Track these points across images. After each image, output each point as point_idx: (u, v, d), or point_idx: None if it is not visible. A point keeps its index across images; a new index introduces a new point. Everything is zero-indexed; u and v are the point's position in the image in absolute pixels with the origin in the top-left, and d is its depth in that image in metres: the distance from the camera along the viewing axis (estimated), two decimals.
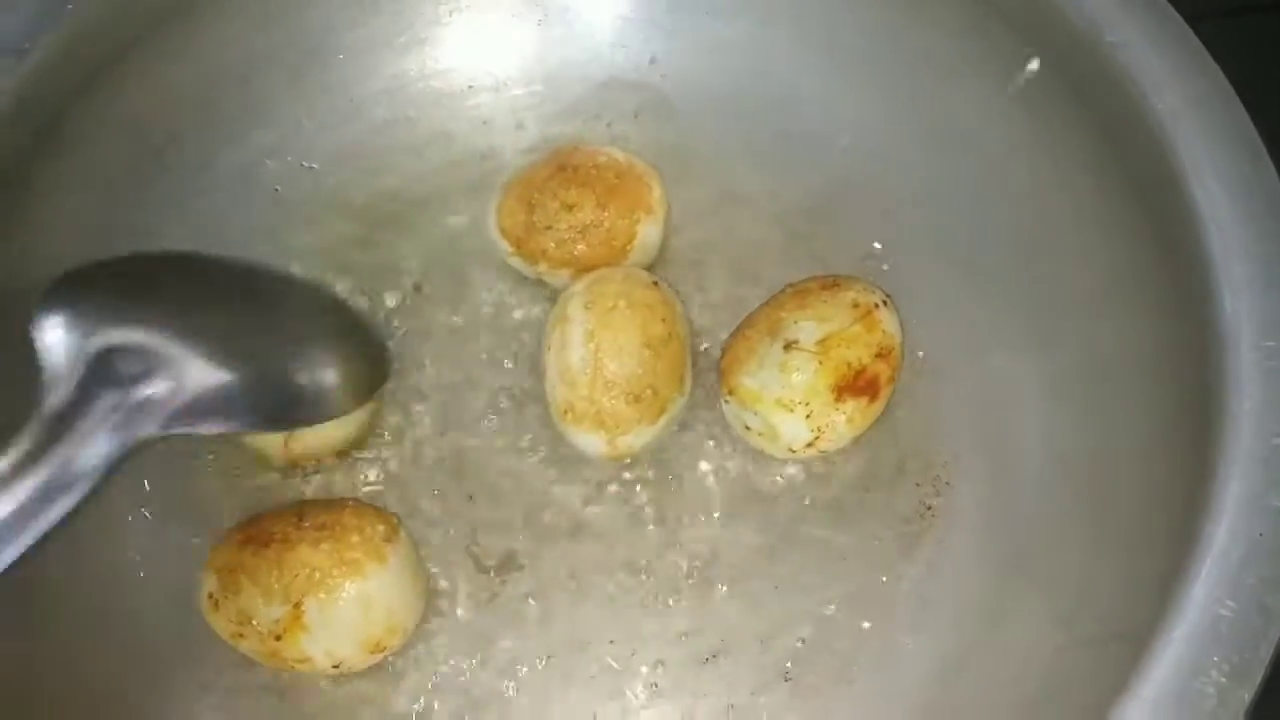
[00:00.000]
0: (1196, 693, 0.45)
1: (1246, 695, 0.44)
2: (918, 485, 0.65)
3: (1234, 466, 0.48)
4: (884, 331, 0.62)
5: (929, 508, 0.64)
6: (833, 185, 0.72)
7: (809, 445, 0.62)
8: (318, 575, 0.57)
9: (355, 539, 0.58)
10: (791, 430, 0.62)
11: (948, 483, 0.65)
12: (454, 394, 0.68)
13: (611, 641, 0.63)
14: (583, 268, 0.67)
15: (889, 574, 0.63)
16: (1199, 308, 0.54)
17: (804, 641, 0.62)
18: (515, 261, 0.69)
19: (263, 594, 0.57)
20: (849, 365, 0.61)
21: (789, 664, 0.62)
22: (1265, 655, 0.45)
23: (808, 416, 0.61)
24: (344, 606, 0.57)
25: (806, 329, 0.62)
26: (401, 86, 0.75)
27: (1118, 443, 0.59)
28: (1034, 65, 0.63)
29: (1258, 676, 0.45)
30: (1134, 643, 0.48)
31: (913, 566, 0.63)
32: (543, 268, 0.68)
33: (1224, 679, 0.45)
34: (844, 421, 0.62)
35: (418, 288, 0.71)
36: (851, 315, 0.62)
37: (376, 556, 0.58)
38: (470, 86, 0.76)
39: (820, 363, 0.61)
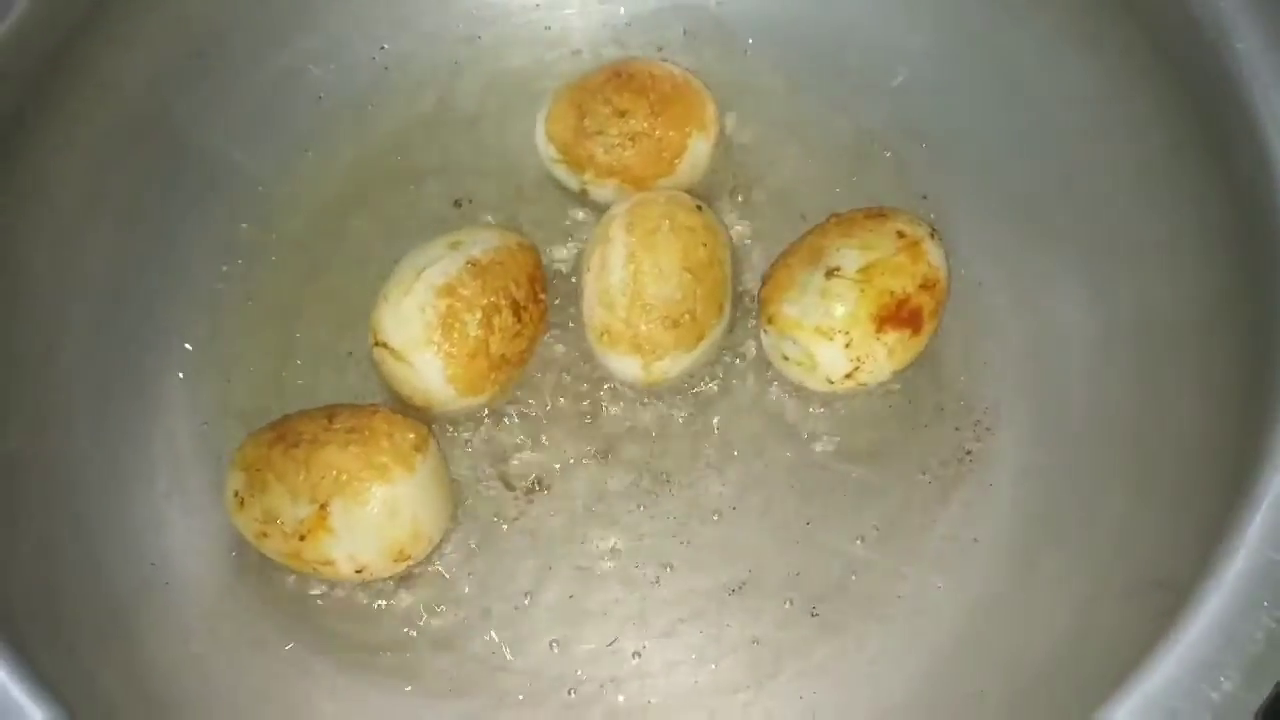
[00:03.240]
0: (1244, 635, 0.44)
1: None
2: (957, 430, 0.64)
3: None
4: (929, 264, 0.61)
5: (968, 452, 0.63)
6: (885, 121, 0.70)
7: (848, 376, 0.61)
8: (345, 477, 0.56)
9: (385, 444, 0.57)
10: (830, 359, 0.60)
11: (988, 428, 0.63)
12: None
13: (636, 567, 0.62)
14: (629, 179, 0.66)
15: (923, 516, 0.62)
16: (1267, 258, 0.52)
17: (833, 578, 0.61)
18: (560, 171, 0.68)
19: (289, 493, 0.57)
20: (891, 295, 0.60)
21: (816, 600, 0.61)
22: None
23: (847, 345, 0.60)
24: (370, 511, 0.57)
25: (849, 257, 0.60)
26: (453, 1, 0.74)
27: (1168, 397, 0.58)
28: None
29: None
30: (1173, 590, 0.47)
31: (947, 509, 0.62)
32: (588, 176, 0.66)
33: (1274, 623, 0.43)
34: (885, 353, 0.60)
35: (458, 203, 0.70)
36: (896, 245, 0.60)
37: (405, 463, 0.57)
38: (523, 4, 0.75)
39: (862, 290, 0.59)
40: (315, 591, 0.61)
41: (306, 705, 0.60)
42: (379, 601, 0.61)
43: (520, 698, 0.60)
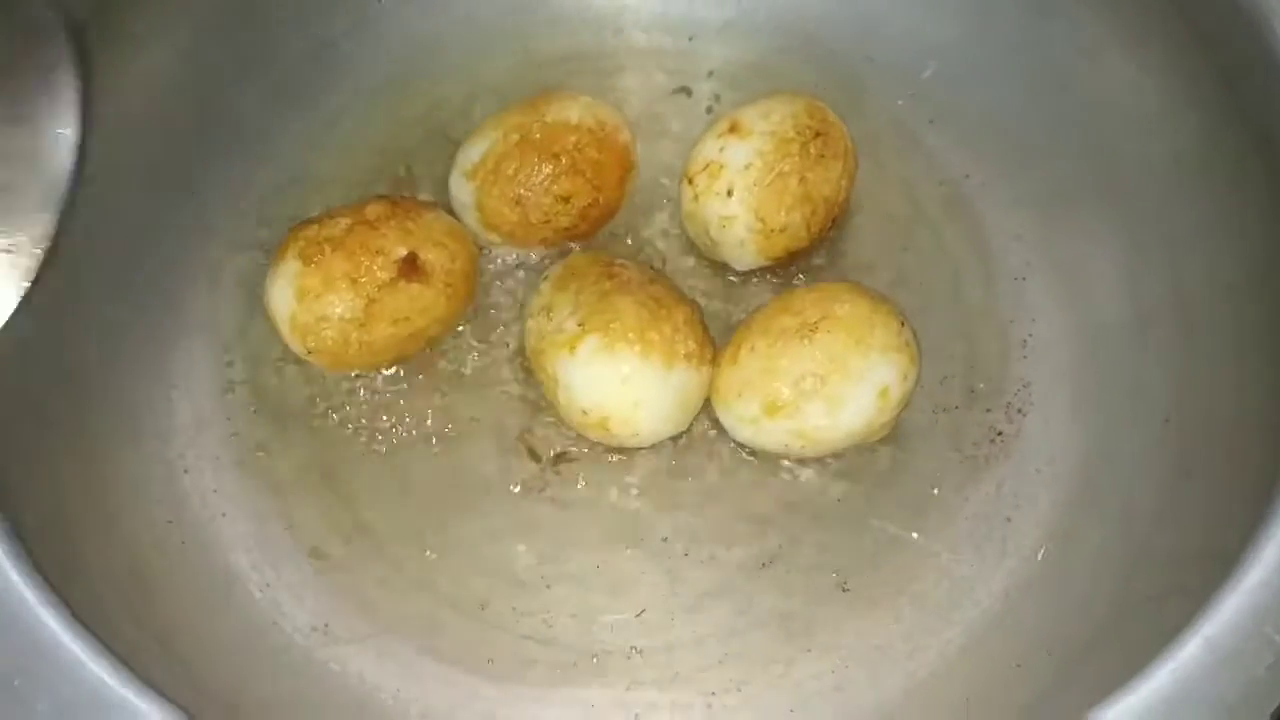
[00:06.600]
0: None
1: None
2: (989, 411, 0.63)
3: None
4: None
5: (1000, 434, 0.63)
6: (915, 114, 0.71)
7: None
8: None
9: None
10: None
11: (1019, 410, 0.63)
12: None
13: (665, 540, 0.61)
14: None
15: (955, 495, 0.61)
16: None
17: (864, 554, 0.60)
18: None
19: None
20: None
21: (847, 576, 0.60)
22: None
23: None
24: None
25: None
26: None
27: (1203, 375, 0.58)
28: None
29: None
30: (1222, 560, 0.47)
31: (979, 489, 0.61)
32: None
33: None
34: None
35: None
36: None
37: None
38: None
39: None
40: None
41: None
42: None
43: (544, 666, 0.58)
